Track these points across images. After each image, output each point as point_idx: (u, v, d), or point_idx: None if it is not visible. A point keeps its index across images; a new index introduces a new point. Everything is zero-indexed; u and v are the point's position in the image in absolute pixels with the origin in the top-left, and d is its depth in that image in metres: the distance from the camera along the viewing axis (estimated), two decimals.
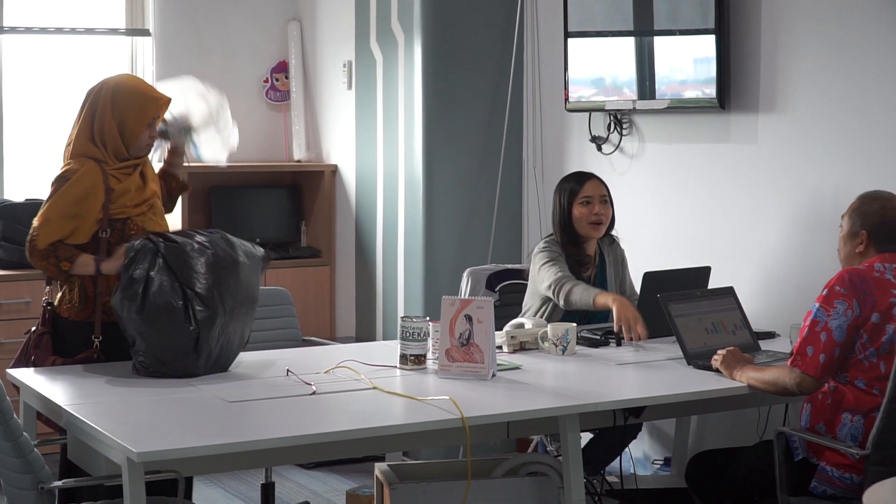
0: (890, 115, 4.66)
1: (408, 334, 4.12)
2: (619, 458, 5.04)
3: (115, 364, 4.12)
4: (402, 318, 4.16)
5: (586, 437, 4.95)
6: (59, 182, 4.18)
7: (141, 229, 4.23)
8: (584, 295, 4.73)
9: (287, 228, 7.14)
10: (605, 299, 4.67)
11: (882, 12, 4.67)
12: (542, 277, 4.88)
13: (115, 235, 4.20)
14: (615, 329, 4.57)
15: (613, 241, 5.11)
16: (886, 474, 3.49)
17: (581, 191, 4.97)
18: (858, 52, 4.76)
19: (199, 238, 4.04)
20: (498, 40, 6.24)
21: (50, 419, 3.86)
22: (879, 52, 4.69)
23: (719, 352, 4.10)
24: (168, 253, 3.97)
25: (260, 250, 4.24)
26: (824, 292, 3.78)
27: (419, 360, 4.13)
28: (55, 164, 4.30)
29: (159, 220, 4.37)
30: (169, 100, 4.34)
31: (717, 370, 4.07)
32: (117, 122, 4.22)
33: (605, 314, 4.80)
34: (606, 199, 5.00)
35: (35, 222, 4.16)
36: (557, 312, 4.87)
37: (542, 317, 4.86)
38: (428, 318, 4.19)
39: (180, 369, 3.94)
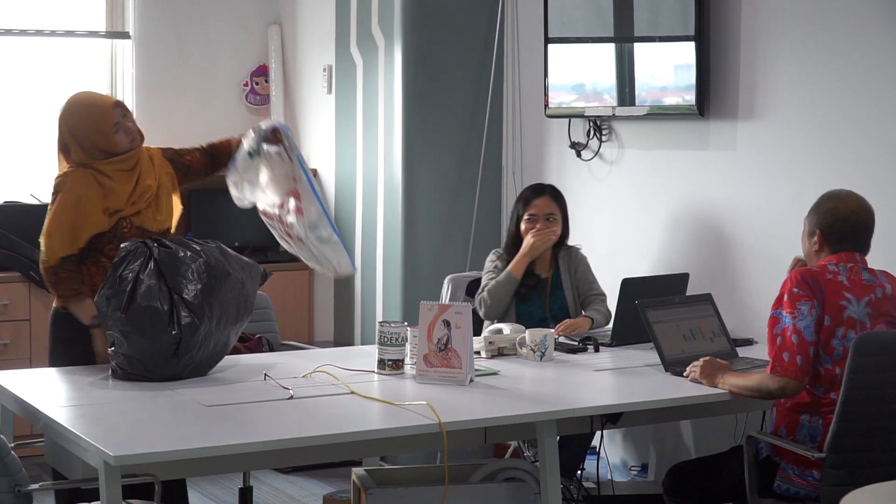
0: (868, 122, 4.68)
1: (386, 339, 4.11)
2: (596, 463, 5.04)
3: (93, 367, 4.11)
4: (380, 323, 4.15)
5: None
6: (53, 196, 4.22)
7: (134, 227, 4.24)
8: (497, 288, 4.84)
9: (266, 232, 7.04)
10: (518, 262, 4.91)
11: (861, 21, 4.69)
12: None
13: (108, 236, 4.22)
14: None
15: (570, 249, 5.12)
16: (843, 476, 3.54)
17: (529, 207, 5.02)
18: (837, 59, 4.78)
19: (193, 246, 4.05)
20: (478, 46, 6.24)
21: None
22: (857, 60, 4.71)
23: (694, 363, 4.11)
24: (161, 257, 3.98)
25: (259, 266, 4.26)
26: (784, 297, 3.81)
27: (397, 365, 4.13)
28: (34, 167, 4.30)
29: (158, 215, 4.37)
30: (116, 101, 4.34)
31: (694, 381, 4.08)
32: (85, 144, 4.25)
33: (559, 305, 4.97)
34: (554, 217, 5.02)
35: (41, 241, 4.21)
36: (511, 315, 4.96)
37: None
38: (406, 324, 4.20)
39: (159, 372, 3.93)
